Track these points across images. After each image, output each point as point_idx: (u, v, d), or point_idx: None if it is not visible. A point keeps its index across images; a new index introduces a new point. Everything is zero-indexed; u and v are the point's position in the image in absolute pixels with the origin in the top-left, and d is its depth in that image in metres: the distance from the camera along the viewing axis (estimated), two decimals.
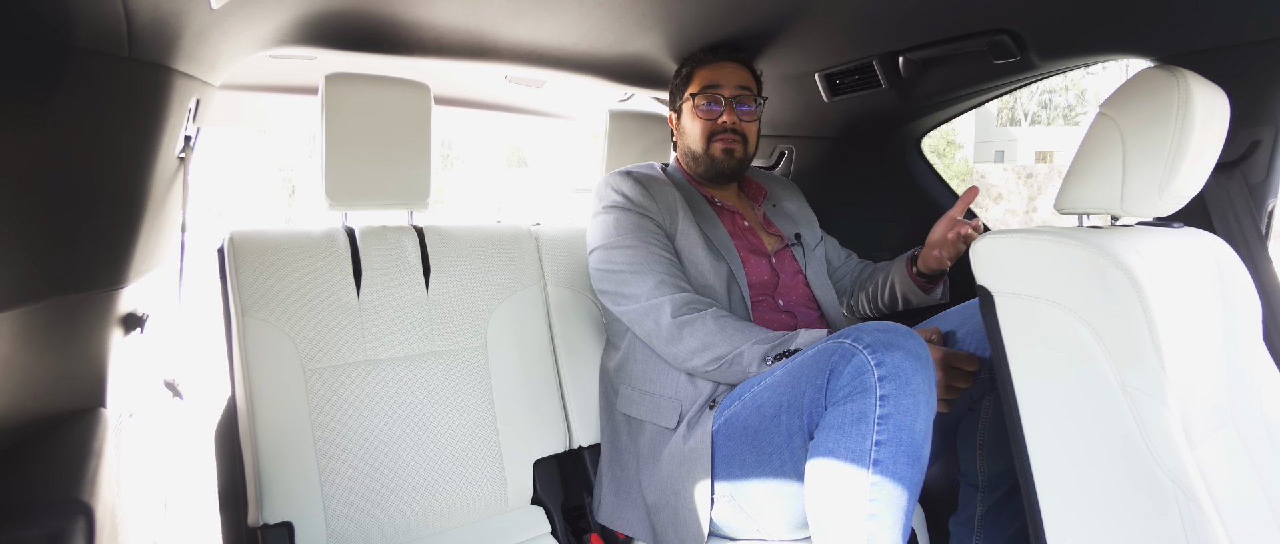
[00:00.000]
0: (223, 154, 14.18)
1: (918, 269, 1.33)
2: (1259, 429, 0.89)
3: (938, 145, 17.07)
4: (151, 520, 0.88)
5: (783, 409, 0.96)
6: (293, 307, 1.17)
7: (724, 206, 1.35)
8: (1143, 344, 0.71)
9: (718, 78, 1.30)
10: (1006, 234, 0.81)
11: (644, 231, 1.22)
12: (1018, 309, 0.79)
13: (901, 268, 1.37)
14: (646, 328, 1.17)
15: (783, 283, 1.30)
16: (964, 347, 1.11)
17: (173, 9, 0.75)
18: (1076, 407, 0.75)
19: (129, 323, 0.85)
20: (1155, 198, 0.81)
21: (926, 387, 0.87)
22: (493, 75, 1.68)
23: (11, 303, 0.63)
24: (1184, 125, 0.77)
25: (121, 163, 0.77)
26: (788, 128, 1.74)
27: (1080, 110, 24.18)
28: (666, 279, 1.17)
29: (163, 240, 0.93)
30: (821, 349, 0.93)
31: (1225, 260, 0.94)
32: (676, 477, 1.10)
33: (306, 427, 1.14)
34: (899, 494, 0.85)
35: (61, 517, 0.59)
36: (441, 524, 1.22)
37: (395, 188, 1.26)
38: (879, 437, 0.85)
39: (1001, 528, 1.13)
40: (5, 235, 0.61)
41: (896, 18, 1.24)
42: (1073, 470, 0.75)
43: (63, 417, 0.74)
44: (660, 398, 1.18)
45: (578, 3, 1.16)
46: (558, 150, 15.39)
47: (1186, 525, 0.68)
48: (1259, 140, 1.03)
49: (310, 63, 1.41)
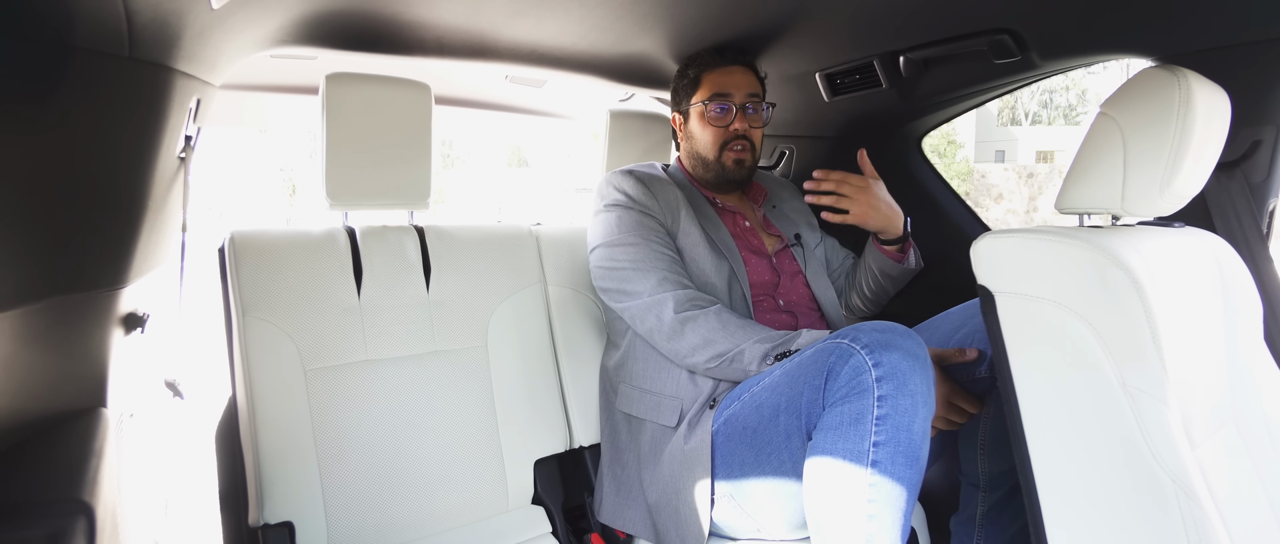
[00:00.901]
0: (223, 154, 14.19)
1: (880, 239, 1.35)
2: (1260, 429, 0.88)
3: (938, 145, 17.06)
4: (152, 520, 0.88)
5: (781, 409, 0.96)
6: (293, 306, 1.17)
7: (725, 207, 1.35)
8: (1144, 344, 0.71)
9: (728, 84, 1.30)
10: (1007, 234, 0.81)
11: (646, 229, 1.22)
12: (1018, 309, 0.79)
13: (870, 245, 1.39)
14: (649, 324, 1.17)
15: (783, 283, 1.30)
16: (964, 346, 1.11)
17: (173, 9, 0.75)
18: (1077, 406, 0.75)
19: (130, 323, 0.85)
20: (1156, 197, 0.81)
21: (924, 387, 0.87)
22: (493, 75, 1.68)
23: (12, 303, 0.63)
24: (1185, 125, 0.77)
25: (122, 163, 0.77)
26: (788, 128, 1.74)
27: (1081, 110, 24.17)
28: (669, 276, 1.17)
29: (163, 240, 0.93)
30: (819, 349, 0.93)
31: (1226, 260, 0.94)
32: (677, 476, 1.10)
33: (307, 426, 1.14)
34: (898, 494, 0.85)
35: (62, 516, 0.59)
36: (442, 524, 1.22)
37: (396, 188, 1.26)
38: (877, 437, 0.85)
39: (1002, 528, 1.13)
40: (6, 235, 0.61)
41: (897, 17, 1.24)
42: (1074, 470, 0.75)
43: (63, 416, 0.74)
44: (661, 397, 1.18)
45: (578, 2, 1.16)
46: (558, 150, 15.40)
47: (1187, 525, 0.68)
48: (1260, 140, 1.03)
49: (311, 63, 1.41)
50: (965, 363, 1.05)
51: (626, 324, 1.25)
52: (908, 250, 1.36)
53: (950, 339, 1.11)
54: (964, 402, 1.05)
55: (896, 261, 1.35)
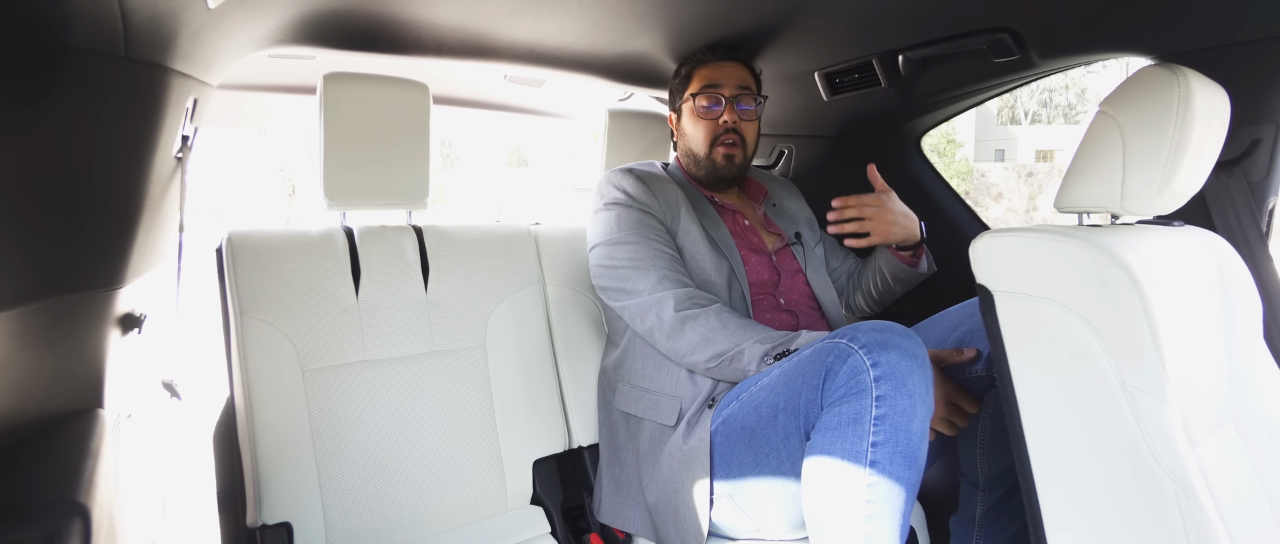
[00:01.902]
0: (223, 154, 14.19)
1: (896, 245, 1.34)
2: (1260, 428, 0.88)
3: (938, 144, 17.06)
4: (149, 521, 0.88)
5: (779, 409, 0.96)
6: (291, 307, 1.17)
7: (725, 205, 1.35)
8: (1143, 343, 0.71)
9: (717, 77, 1.30)
10: (1006, 233, 0.80)
11: (645, 228, 1.22)
12: (1018, 308, 0.79)
13: (883, 250, 1.38)
14: (649, 323, 1.16)
15: (783, 281, 1.30)
16: (965, 346, 1.11)
17: (169, 8, 0.74)
18: (1077, 405, 0.75)
19: (127, 323, 0.84)
20: (1155, 196, 0.81)
21: (923, 387, 0.87)
22: (492, 75, 1.68)
23: (8, 303, 0.63)
24: (1184, 123, 0.77)
25: (118, 163, 0.77)
26: (787, 127, 1.73)
27: (1080, 109, 24.18)
28: (669, 275, 1.17)
29: (160, 240, 0.92)
30: (817, 349, 0.93)
31: (1226, 259, 0.94)
32: (676, 476, 1.10)
33: (305, 427, 1.14)
34: (896, 494, 0.85)
35: (58, 518, 0.59)
36: (441, 524, 1.22)
37: (394, 187, 1.26)
38: (875, 437, 0.85)
39: (1002, 527, 1.13)
40: (2, 236, 0.61)
41: (896, 16, 1.24)
42: (1073, 469, 0.75)
43: (60, 417, 0.73)
44: (660, 396, 1.18)
45: (577, 2, 1.16)
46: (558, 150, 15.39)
47: (1187, 525, 0.68)
48: (1259, 138, 1.03)
49: (309, 62, 1.41)
50: (962, 362, 1.05)
51: (626, 323, 1.25)
52: (921, 255, 1.36)
53: (949, 338, 1.11)
54: (964, 402, 1.05)
55: (910, 266, 1.35)
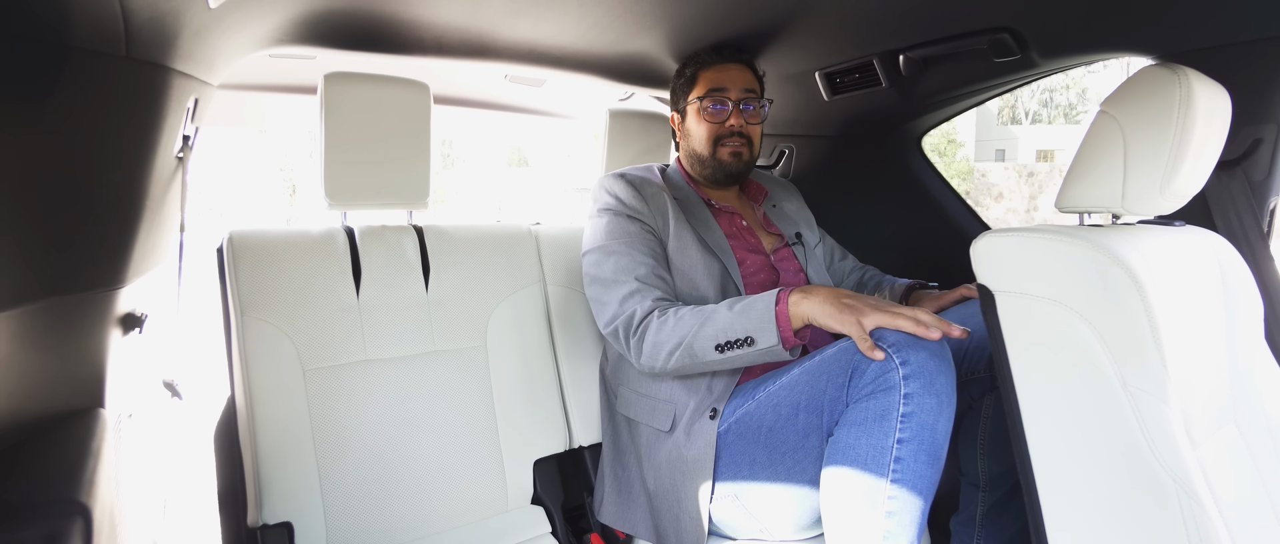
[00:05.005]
0: (223, 154, 14.19)
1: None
2: (1261, 428, 0.88)
3: (938, 144, 17.05)
4: (150, 521, 0.88)
5: (801, 407, 0.96)
6: (292, 306, 1.17)
7: (722, 208, 1.34)
8: (1144, 343, 0.71)
9: (724, 80, 1.30)
10: (1007, 233, 0.80)
11: (631, 236, 1.20)
12: (1018, 308, 0.79)
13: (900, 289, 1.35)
14: (619, 347, 1.17)
15: (783, 281, 1.30)
16: (965, 345, 1.10)
17: (170, 8, 0.74)
18: (1078, 406, 0.74)
19: (128, 323, 0.84)
20: (1156, 196, 0.81)
21: (949, 388, 0.87)
22: (493, 74, 1.68)
23: (10, 303, 0.63)
24: (1185, 123, 0.77)
25: (119, 162, 0.77)
26: (788, 126, 1.73)
27: (1081, 109, 24.16)
28: (641, 289, 1.14)
29: (161, 240, 0.92)
30: (843, 347, 0.93)
31: (1227, 259, 0.94)
32: (677, 479, 1.10)
33: (306, 426, 1.14)
34: (918, 493, 0.85)
35: (59, 517, 0.59)
36: (441, 524, 1.22)
37: (395, 187, 1.26)
38: (901, 435, 0.85)
39: (1003, 528, 1.13)
40: (3, 235, 0.61)
41: (897, 16, 1.24)
42: (1074, 470, 0.75)
43: (61, 417, 0.74)
44: (655, 401, 1.18)
45: (577, 1, 1.16)
46: (558, 150, 15.39)
47: (1188, 525, 0.68)
48: (1261, 138, 1.03)
49: (310, 62, 1.41)
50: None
51: None
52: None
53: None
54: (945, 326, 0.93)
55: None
